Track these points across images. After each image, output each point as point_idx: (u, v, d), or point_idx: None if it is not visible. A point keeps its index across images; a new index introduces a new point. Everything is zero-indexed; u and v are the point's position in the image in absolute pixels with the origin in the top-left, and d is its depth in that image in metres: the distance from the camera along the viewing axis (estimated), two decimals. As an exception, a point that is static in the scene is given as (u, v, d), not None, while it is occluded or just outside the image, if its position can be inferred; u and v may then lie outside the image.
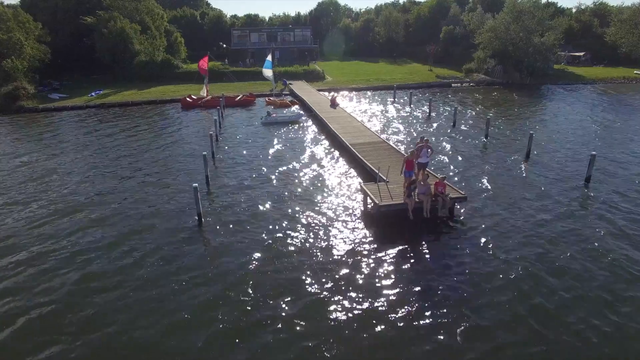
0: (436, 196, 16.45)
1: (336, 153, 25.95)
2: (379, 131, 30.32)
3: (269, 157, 25.54)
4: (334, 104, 35.82)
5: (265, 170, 23.29)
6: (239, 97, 42.15)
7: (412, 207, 16.09)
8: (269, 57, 40.67)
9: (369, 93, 48.26)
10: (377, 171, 19.03)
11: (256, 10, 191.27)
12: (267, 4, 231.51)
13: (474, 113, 37.47)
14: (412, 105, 39.89)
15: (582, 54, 72.09)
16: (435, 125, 33.41)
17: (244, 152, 27.10)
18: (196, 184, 16.83)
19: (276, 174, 22.61)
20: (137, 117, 38.18)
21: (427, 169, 18.28)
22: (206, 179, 21.46)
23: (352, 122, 30.38)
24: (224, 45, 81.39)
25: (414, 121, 34.59)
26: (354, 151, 23.32)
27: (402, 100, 43.31)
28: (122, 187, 21.20)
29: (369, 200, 17.32)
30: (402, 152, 22.98)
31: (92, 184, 21.61)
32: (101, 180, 22.17)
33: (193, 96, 43.16)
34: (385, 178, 18.26)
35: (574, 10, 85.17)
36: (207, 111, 39.73)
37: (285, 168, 23.54)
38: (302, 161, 24.81)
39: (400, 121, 34.55)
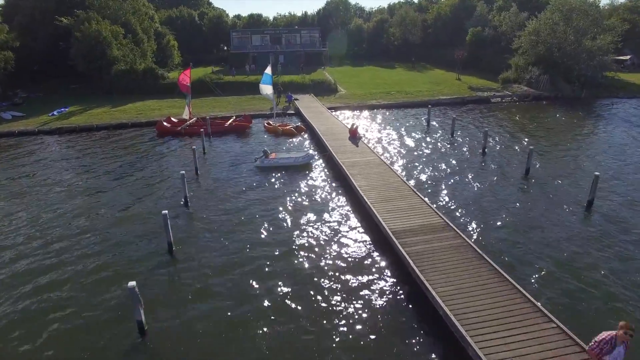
0: None
1: (360, 228, 15.85)
2: (428, 189, 20.02)
3: (257, 233, 15.45)
4: (354, 136, 25.53)
5: (246, 253, 13.33)
6: (229, 122, 31.86)
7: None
8: (269, 70, 30.38)
9: (395, 112, 37.74)
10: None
11: (260, 10, 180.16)
12: (271, 4, 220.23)
13: (553, 151, 26.98)
14: (455, 134, 29.41)
15: (627, 57, 61.00)
16: (504, 172, 22.99)
17: (222, 217, 17.14)
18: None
19: (266, 271, 12.52)
20: (93, 149, 28.12)
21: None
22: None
23: (383, 172, 20.13)
24: (225, 47, 71.30)
25: (468, 165, 24.18)
26: (394, 241, 13.13)
27: (439, 124, 32.89)
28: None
29: None
30: (475, 247, 12.71)
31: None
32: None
33: (173, 118, 33.02)
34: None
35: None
36: (190, 139, 29.64)
37: (281, 265, 13.45)
38: (308, 244, 14.74)
39: (448, 166, 24.15)
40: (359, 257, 14.10)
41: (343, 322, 11.06)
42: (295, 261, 14.00)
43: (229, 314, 11.51)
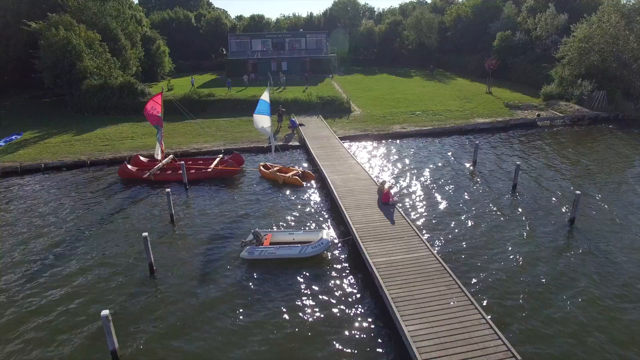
0: None
1: None
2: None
3: None
4: (387, 201, 17.13)
5: None
6: (213, 164, 23.44)
7: None
8: (266, 96, 22.08)
9: (426, 144, 29.27)
10: None
11: (263, 11, 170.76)
12: (274, 4, 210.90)
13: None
14: (519, 195, 20.89)
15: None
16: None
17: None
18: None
19: None
20: (28, 202, 19.85)
21: None
22: None
23: (448, 286, 11.81)
24: (224, 51, 62.91)
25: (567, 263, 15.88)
26: None
27: (488, 164, 24.44)
28: None
29: None
30: None
31: None
32: None
33: (142, 157, 24.73)
34: None
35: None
36: (161, 187, 21.45)
37: None
38: None
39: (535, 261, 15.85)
40: None
41: None
42: None
43: None
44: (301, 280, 13.70)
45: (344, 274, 13.96)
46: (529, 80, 46.52)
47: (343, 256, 14.93)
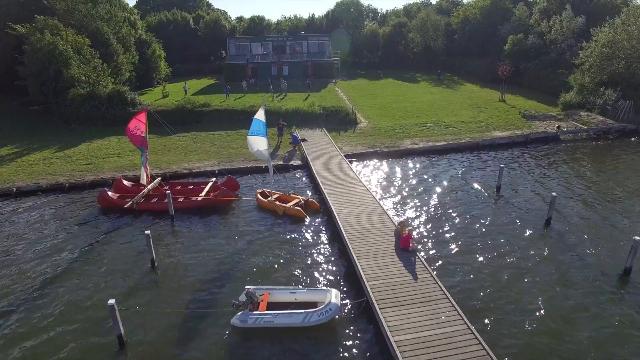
0: None
1: None
2: None
3: None
4: (406, 245, 14.25)
5: None
6: (204, 191, 20.54)
7: None
8: (261, 114, 19.21)
9: (441, 163, 26.36)
10: None
11: (263, 12, 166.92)
12: (275, 4, 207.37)
13: None
14: (559, 234, 17.94)
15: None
16: None
17: None
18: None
19: None
20: (-12, 247, 17.08)
21: None
22: None
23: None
24: (224, 53, 59.93)
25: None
26: None
27: (512, 188, 21.54)
28: None
29: None
30: None
31: None
32: None
33: (125, 182, 21.88)
34: None
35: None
36: (147, 217, 18.65)
37: None
38: None
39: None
40: None
41: None
42: None
43: None
44: (301, 350, 10.87)
45: (356, 345, 11.10)
46: (544, 86, 43.56)
47: (356, 322, 12.07)
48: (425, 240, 16.31)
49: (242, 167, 24.30)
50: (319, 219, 18.42)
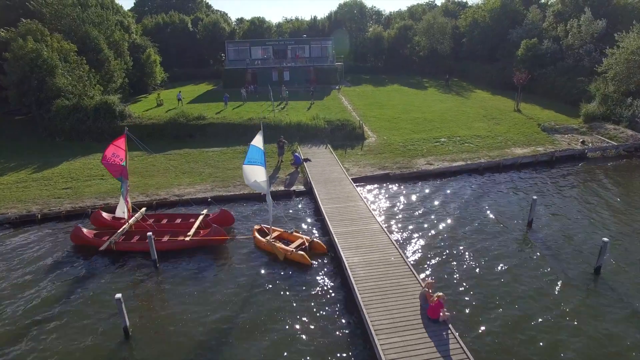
0: None
1: None
2: None
3: None
4: (435, 315, 11.38)
5: None
6: (193, 227, 17.61)
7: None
8: (259, 140, 16.35)
9: (459, 188, 23.51)
10: None
11: (264, 13, 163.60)
12: (276, 3, 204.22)
13: None
14: (610, 287, 15.02)
15: None
16: None
17: None
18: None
19: None
20: None
21: None
22: None
23: None
24: (223, 56, 56.74)
25: None
26: None
27: (554, 234, 18.67)
28: None
29: None
30: None
31: None
32: None
33: (105, 214, 18.99)
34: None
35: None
36: (127, 259, 15.83)
37: None
38: None
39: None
40: None
41: None
42: None
43: None
44: None
45: None
46: (560, 94, 40.57)
47: None
48: (457, 307, 13.40)
49: (237, 194, 21.41)
50: (327, 267, 15.53)
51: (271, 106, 38.05)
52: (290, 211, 20.15)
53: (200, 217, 18.38)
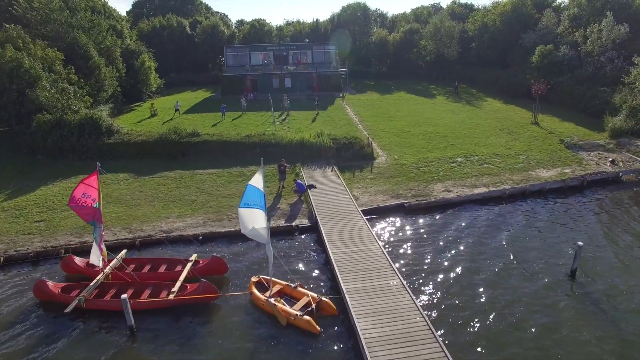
0: None
1: None
2: None
3: None
4: None
5: None
6: (174, 289, 14.55)
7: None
8: (258, 179, 13.54)
9: (481, 222, 20.71)
10: None
11: (264, 15, 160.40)
12: (277, 3, 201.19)
13: None
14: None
15: None
16: None
17: None
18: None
19: None
20: None
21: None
22: None
23: None
24: (223, 60, 53.27)
25: None
26: None
27: (602, 283, 15.81)
28: None
29: None
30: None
31: None
32: None
33: (78, 260, 16.14)
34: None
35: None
36: (104, 331, 13.02)
37: None
38: None
39: None
40: None
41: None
42: None
43: None
44: None
45: None
46: (579, 105, 37.65)
47: None
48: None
49: (232, 231, 18.55)
50: (338, 336, 12.70)
51: (271, 117, 35.26)
52: (293, 254, 17.28)
53: (188, 265, 15.53)
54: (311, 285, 14.96)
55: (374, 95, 48.68)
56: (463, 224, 19.53)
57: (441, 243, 17.93)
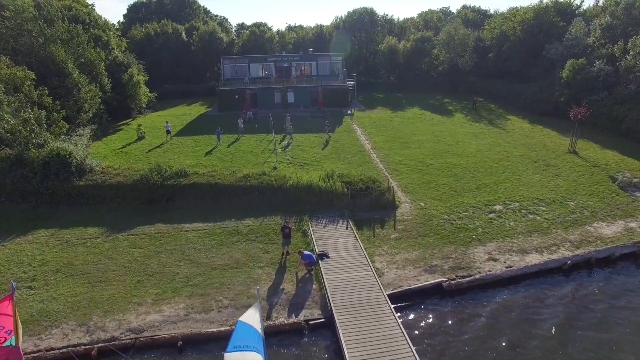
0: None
1: None
2: None
3: None
4: None
5: None
6: None
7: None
8: (251, 316, 8.67)
9: (554, 313, 16.04)
10: None
11: (265, 19, 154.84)
12: (279, 8, 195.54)
13: None
14: None
15: None
16: None
17: None
18: None
19: None
20: None
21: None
22: None
23: None
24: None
25: None
26: None
27: None
28: None
29: None
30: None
31: None
32: None
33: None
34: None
35: None
36: None
37: None
38: None
39: None
40: None
41: None
42: None
43: None
44: None
45: None
46: (620, 127, 33.00)
47: None
48: None
49: (222, 331, 13.78)
50: None
51: (272, 143, 30.55)
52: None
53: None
54: None
55: (385, 112, 43.77)
56: (514, 305, 14.74)
57: (488, 341, 13.16)
